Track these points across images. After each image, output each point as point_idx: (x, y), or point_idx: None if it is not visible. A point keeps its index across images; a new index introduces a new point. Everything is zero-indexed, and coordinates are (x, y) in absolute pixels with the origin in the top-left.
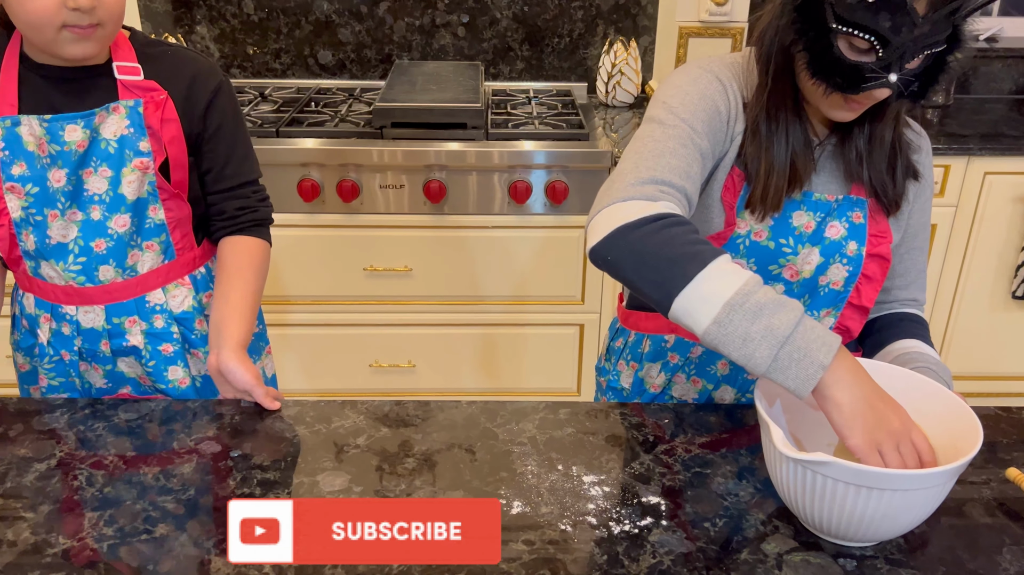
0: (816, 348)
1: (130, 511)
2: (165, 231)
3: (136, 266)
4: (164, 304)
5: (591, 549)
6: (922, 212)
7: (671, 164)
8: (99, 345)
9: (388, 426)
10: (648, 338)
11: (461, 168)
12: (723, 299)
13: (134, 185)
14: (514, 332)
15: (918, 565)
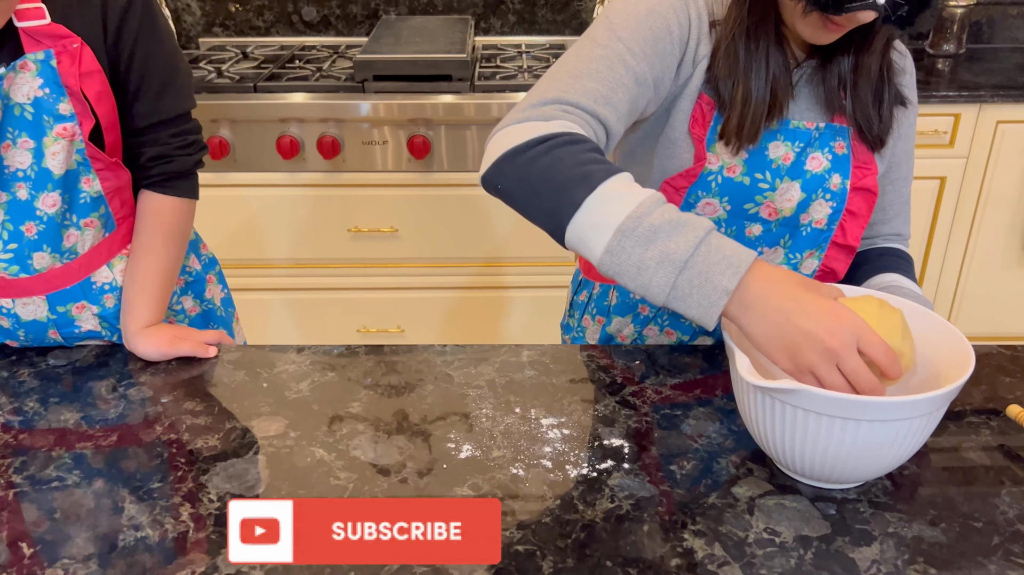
0: (719, 272)
1: (44, 458)
2: (103, 202)
3: (75, 247)
4: (113, 281)
5: (543, 493)
6: (906, 140)
7: (587, 87)
8: (46, 335)
9: (335, 371)
10: (615, 289)
11: (446, 122)
12: (614, 225)
13: (60, 156)
14: (505, 295)
15: (906, 509)
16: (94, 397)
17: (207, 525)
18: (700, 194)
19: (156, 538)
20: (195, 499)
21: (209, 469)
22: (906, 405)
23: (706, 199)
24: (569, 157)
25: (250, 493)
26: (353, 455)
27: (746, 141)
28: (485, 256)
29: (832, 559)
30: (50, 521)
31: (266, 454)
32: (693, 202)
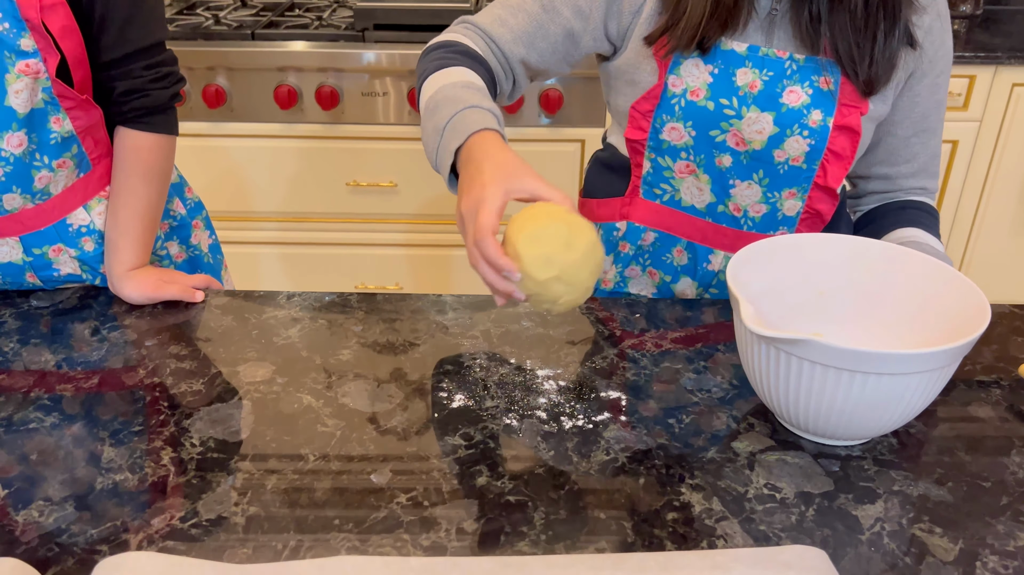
0: (453, 137)
1: (21, 399)
2: (75, 142)
3: (48, 188)
4: (91, 224)
5: (536, 444)
6: (935, 89)
7: (492, 13)
8: (24, 278)
9: (325, 318)
10: (598, 227)
11: None
12: (423, 103)
13: (24, 95)
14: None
15: (912, 467)
16: (76, 339)
17: (188, 470)
18: (665, 118)
19: (135, 482)
20: (176, 444)
21: (192, 414)
22: (919, 358)
23: (671, 123)
24: (433, 58)
25: (234, 438)
26: (342, 403)
27: (684, 44)
28: None
29: (834, 516)
30: (25, 463)
31: (251, 400)
32: (659, 127)
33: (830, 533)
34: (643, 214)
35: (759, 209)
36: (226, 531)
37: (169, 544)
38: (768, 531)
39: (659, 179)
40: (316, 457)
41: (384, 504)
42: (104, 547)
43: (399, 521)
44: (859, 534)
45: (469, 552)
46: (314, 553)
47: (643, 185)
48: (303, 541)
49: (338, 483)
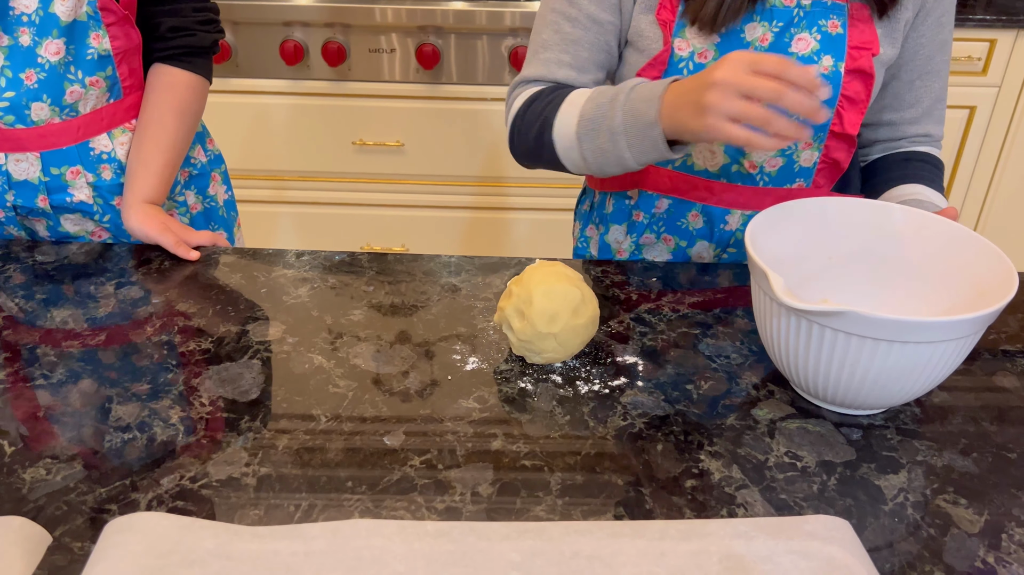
0: (643, 113)
1: (29, 355)
2: (111, 64)
3: (77, 105)
4: (112, 152)
5: (552, 408)
6: (938, 28)
7: (541, 59)
8: (35, 201)
9: (335, 277)
10: (611, 196)
11: (457, 30)
12: (572, 133)
13: (69, 3)
14: (514, 216)
15: (936, 436)
16: (84, 296)
17: (198, 429)
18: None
19: (144, 441)
20: (186, 403)
21: (202, 372)
22: (949, 325)
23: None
24: (532, 116)
25: (244, 398)
26: (353, 363)
27: (724, 24)
28: (493, 175)
29: (857, 486)
30: (33, 420)
31: (261, 359)
32: None
33: (852, 503)
34: (656, 181)
35: (775, 163)
36: (237, 492)
37: (179, 504)
38: (789, 500)
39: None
40: (328, 418)
41: (398, 466)
42: (113, 506)
43: (413, 484)
44: (882, 504)
45: (484, 516)
46: (326, 515)
47: None
48: (315, 503)
49: (351, 444)
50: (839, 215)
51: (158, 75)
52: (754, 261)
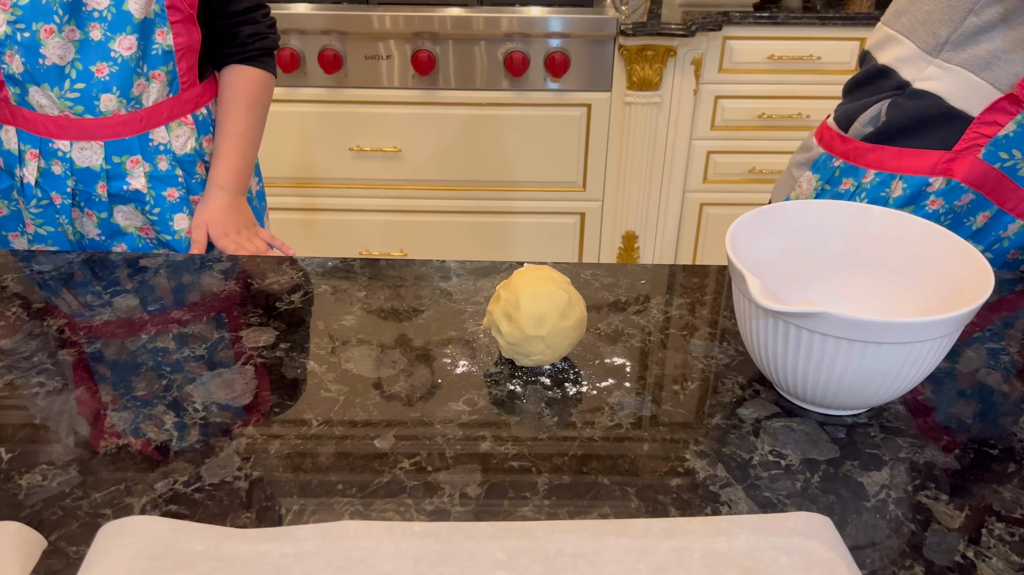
0: None
1: (23, 363)
2: (172, 60)
3: (141, 98)
4: (168, 144)
5: (541, 410)
6: None
7: None
8: (95, 187)
9: (329, 283)
10: (901, 179)
11: (453, 36)
12: None
13: (142, 2)
14: (510, 220)
15: (919, 434)
16: (79, 303)
17: (191, 435)
18: None
19: (138, 446)
20: (179, 409)
21: (195, 378)
22: (927, 325)
23: None
24: None
25: (237, 403)
26: (345, 368)
27: None
28: (491, 180)
29: (840, 483)
30: (29, 427)
31: (254, 365)
32: None
33: (835, 500)
34: (971, 174)
35: None
36: (229, 496)
37: (172, 508)
38: (773, 498)
39: (1014, 144)
40: (319, 422)
41: (387, 469)
42: (108, 511)
43: (402, 486)
44: (864, 501)
45: (472, 517)
46: (317, 518)
47: (989, 146)
48: (306, 505)
49: (341, 448)
50: (820, 217)
51: (233, 73)
52: (733, 264)
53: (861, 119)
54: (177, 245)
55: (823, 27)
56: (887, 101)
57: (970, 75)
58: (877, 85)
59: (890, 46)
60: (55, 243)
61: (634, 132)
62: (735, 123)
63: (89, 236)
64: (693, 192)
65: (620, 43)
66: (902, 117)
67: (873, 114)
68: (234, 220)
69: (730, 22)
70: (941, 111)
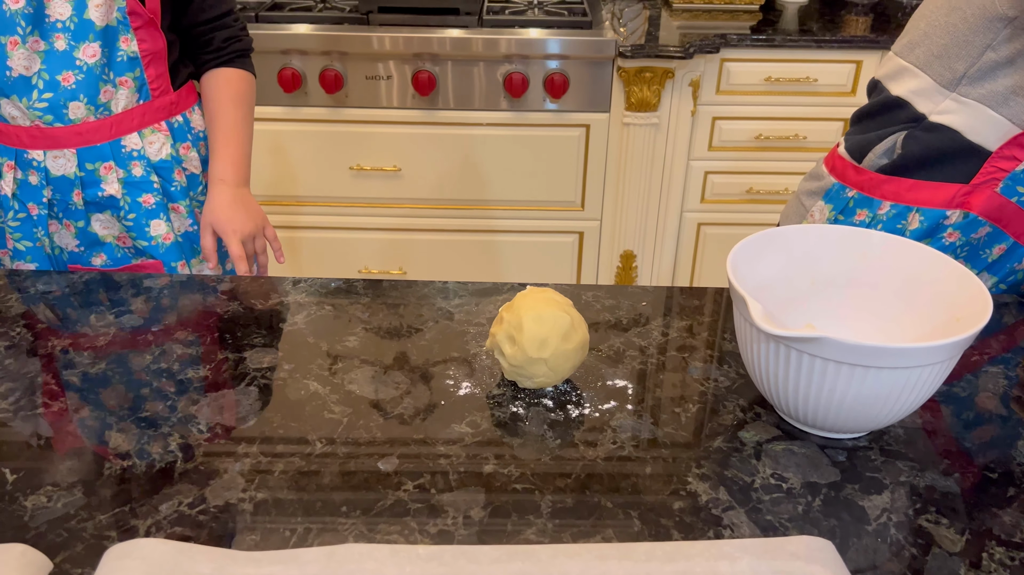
0: None
1: (29, 385)
2: (139, 66)
3: (110, 104)
4: (141, 150)
5: (543, 432)
6: None
7: None
8: (71, 195)
9: (331, 304)
10: (918, 212)
11: (453, 58)
12: None
13: (102, 9)
14: (509, 239)
15: (919, 457)
16: (83, 324)
17: (196, 456)
18: None
19: (143, 467)
20: (184, 430)
21: (199, 399)
22: (927, 351)
23: None
24: None
25: (241, 424)
26: (348, 389)
27: None
28: (490, 199)
29: (841, 506)
30: (32, 448)
31: (258, 386)
32: None
33: (836, 523)
34: (988, 208)
35: None
36: (234, 517)
37: (177, 530)
38: (775, 521)
39: None
40: (323, 443)
41: (391, 491)
42: (113, 533)
43: (406, 508)
44: (866, 525)
45: (476, 540)
46: (321, 539)
47: (1007, 180)
48: (311, 527)
49: (345, 469)
50: (820, 241)
51: (214, 76)
52: (734, 288)
53: (876, 150)
54: (154, 251)
55: (819, 50)
56: (903, 133)
57: (987, 110)
58: (891, 116)
59: (904, 78)
60: (34, 259)
61: (632, 152)
62: (732, 144)
63: (68, 249)
64: (691, 212)
65: (619, 65)
66: (919, 150)
67: (888, 146)
68: (240, 216)
69: (728, 44)
70: (958, 145)
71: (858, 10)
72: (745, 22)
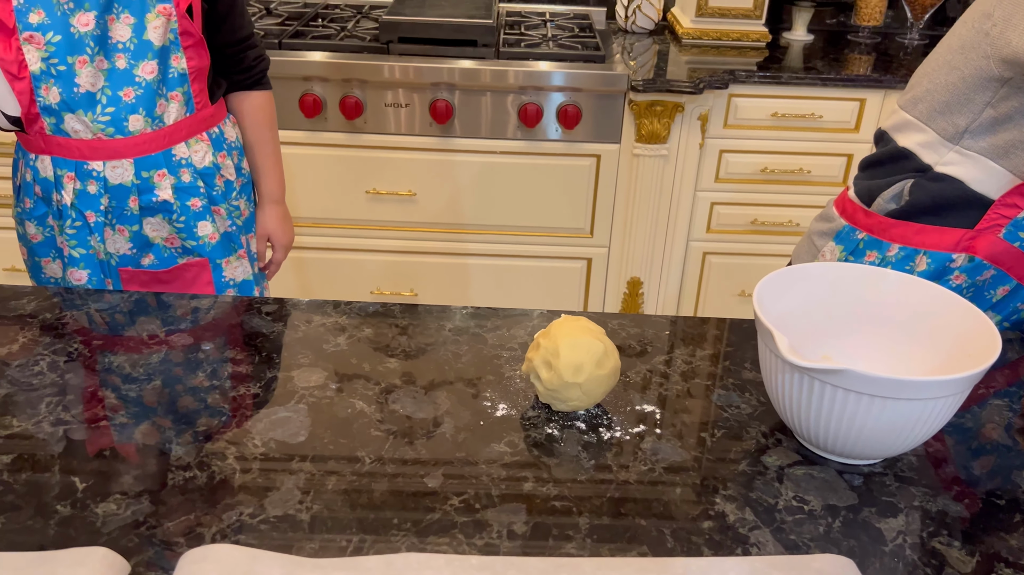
0: None
1: (91, 397)
2: (187, 81)
3: (163, 117)
4: (188, 158)
5: (578, 453)
6: None
7: None
8: (127, 202)
9: (372, 326)
10: (926, 255)
11: (470, 88)
12: None
13: (159, 31)
14: (519, 264)
15: (931, 483)
16: (135, 341)
17: (254, 469)
18: None
19: (204, 479)
20: (241, 444)
21: (252, 416)
22: (943, 384)
23: None
24: None
25: (294, 440)
26: (392, 408)
27: None
28: (501, 224)
29: (859, 527)
30: (100, 459)
31: (307, 404)
32: None
33: (856, 544)
34: (993, 252)
35: None
36: (293, 528)
37: (241, 538)
38: (798, 540)
39: None
40: (372, 460)
41: (438, 506)
42: (181, 539)
43: (453, 522)
44: (883, 545)
45: (520, 553)
46: (376, 550)
47: (1009, 227)
48: (365, 539)
49: (394, 486)
50: (838, 278)
51: (248, 100)
52: (761, 321)
53: (884, 195)
54: (201, 250)
55: (824, 87)
56: (910, 181)
57: (989, 162)
58: (898, 166)
59: (909, 131)
60: (87, 265)
61: (641, 182)
62: (738, 176)
63: (120, 252)
64: (696, 241)
65: (630, 98)
66: (925, 198)
67: (896, 192)
68: (289, 230)
69: (736, 80)
70: (962, 194)
71: (860, 49)
72: (752, 58)
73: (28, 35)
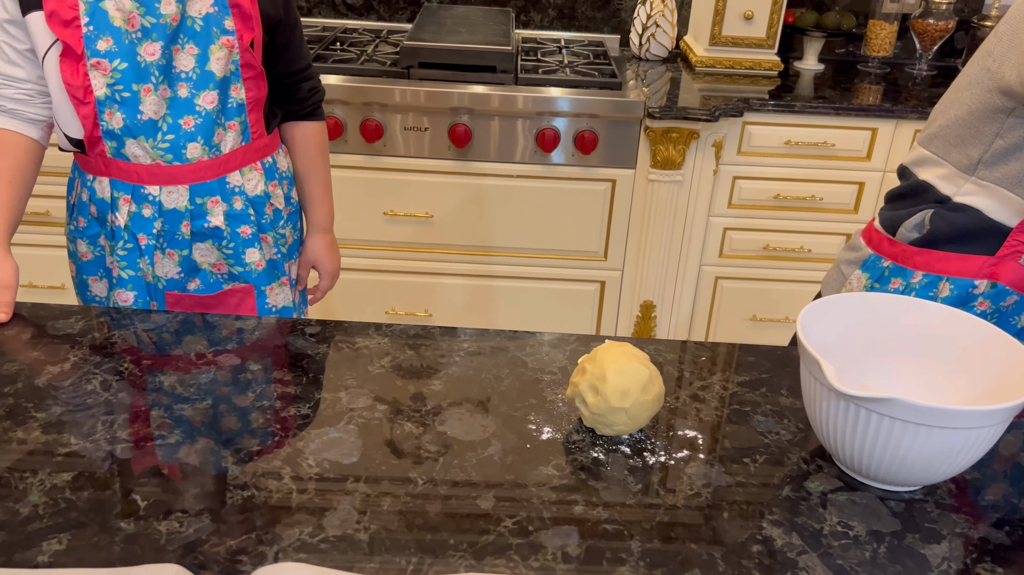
0: None
1: (144, 416)
2: (244, 111)
3: (220, 145)
4: (241, 186)
5: (624, 477)
6: None
7: None
8: (180, 227)
9: (414, 348)
10: (948, 281)
11: (488, 112)
12: None
13: (222, 62)
14: (533, 286)
15: (971, 511)
16: (184, 361)
17: (310, 489)
18: None
19: (262, 498)
20: (295, 464)
21: (304, 436)
22: (985, 414)
23: None
24: None
25: (347, 460)
26: (440, 430)
27: None
28: (516, 247)
29: (904, 553)
30: (158, 477)
31: (357, 425)
32: None
33: (902, 570)
34: (1014, 278)
35: None
36: (353, 548)
37: (303, 557)
38: (845, 565)
39: None
40: (424, 481)
41: (492, 528)
42: (244, 557)
43: (508, 544)
44: (928, 571)
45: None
46: (436, 571)
47: None
48: (424, 560)
49: (448, 507)
50: (878, 308)
51: (303, 130)
52: (806, 349)
53: (906, 224)
54: (247, 276)
55: (837, 116)
56: (931, 211)
57: (1004, 191)
58: (919, 197)
59: (928, 165)
60: (134, 287)
61: (656, 207)
62: (751, 202)
63: (168, 276)
64: (709, 266)
65: (646, 125)
66: (945, 227)
67: (918, 221)
68: (336, 259)
69: (750, 108)
70: (981, 222)
71: (870, 79)
72: (764, 86)
73: (95, 61)
